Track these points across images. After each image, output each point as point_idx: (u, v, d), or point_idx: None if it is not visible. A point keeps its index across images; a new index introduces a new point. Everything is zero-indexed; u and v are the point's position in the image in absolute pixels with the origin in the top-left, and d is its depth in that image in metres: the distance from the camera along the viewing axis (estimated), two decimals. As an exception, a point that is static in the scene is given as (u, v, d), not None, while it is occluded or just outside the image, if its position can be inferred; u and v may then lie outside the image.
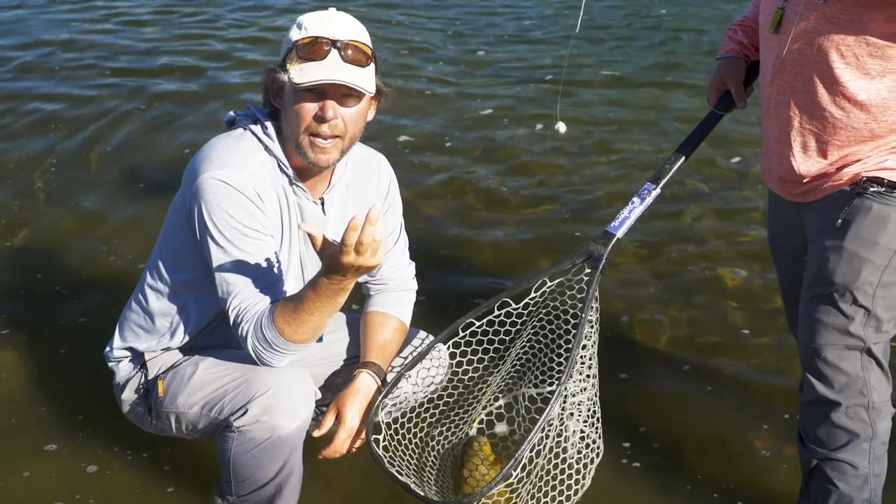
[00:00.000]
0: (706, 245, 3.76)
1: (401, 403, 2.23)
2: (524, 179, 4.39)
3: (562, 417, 2.06)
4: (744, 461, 2.57)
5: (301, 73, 1.97)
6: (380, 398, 2.09)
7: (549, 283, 2.14)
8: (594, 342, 2.08)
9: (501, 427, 2.42)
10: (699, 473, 2.52)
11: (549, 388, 2.25)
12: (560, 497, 2.05)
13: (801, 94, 2.01)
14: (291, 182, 2.11)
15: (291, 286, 2.17)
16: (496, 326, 2.19)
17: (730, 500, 2.42)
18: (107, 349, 2.34)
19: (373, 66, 2.06)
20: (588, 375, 2.07)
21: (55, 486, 2.44)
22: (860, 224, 1.99)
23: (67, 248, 3.74)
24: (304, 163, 2.08)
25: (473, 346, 2.22)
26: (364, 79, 2.01)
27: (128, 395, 2.28)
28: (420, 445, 2.21)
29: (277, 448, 2.07)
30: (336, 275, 1.89)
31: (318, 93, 1.99)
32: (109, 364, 2.33)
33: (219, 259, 2.03)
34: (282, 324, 1.98)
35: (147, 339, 2.26)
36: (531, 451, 1.86)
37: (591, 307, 2.04)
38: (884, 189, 1.98)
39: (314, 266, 2.22)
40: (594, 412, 2.12)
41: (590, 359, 2.07)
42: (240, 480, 2.13)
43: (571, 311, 2.16)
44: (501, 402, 2.39)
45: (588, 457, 2.07)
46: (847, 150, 2.01)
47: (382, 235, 1.82)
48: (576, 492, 2.03)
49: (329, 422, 2.12)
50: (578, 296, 2.14)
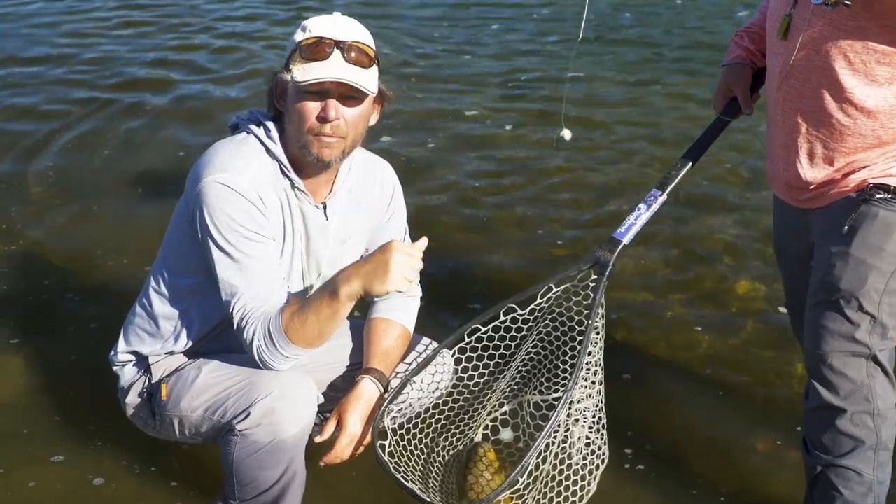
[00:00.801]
0: (710, 250, 3.78)
1: (405, 409, 2.25)
2: (530, 186, 4.40)
3: (567, 424, 2.08)
4: (747, 467, 2.58)
5: (304, 73, 2.00)
6: (385, 404, 2.10)
7: (555, 290, 2.15)
8: (600, 348, 2.09)
9: (506, 433, 2.44)
10: (702, 479, 2.54)
11: (555, 395, 2.26)
12: (565, 503, 2.06)
13: (809, 101, 2.03)
14: (294, 186, 2.12)
15: (295, 289, 2.19)
16: (502, 332, 2.20)
17: (733, 507, 2.45)
18: (111, 353, 2.35)
19: (375, 68, 2.08)
20: (593, 382, 2.09)
21: (60, 497, 2.46)
22: (866, 231, 2.01)
23: (73, 253, 3.76)
24: (308, 162, 2.10)
25: (479, 352, 2.23)
26: (366, 79, 2.03)
27: (132, 399, 2.30)
28: (425, 451, 2.22)
29: (280, 452, 2.09)
30: (371, 295, 1.99)
31: (321, 93, 2.02)
32: (114, 368, 2.34)
33: (221, 262, 2.05)
34: (290, 328, 2.00)
35: (151, 344, 2.27)
36: (537, 458, 1.87)
37: (597, 313, 2.06)
38: (890, 196, 1.99)
39: (316, 269, 2.25)
40: (600, 418, 2.13)
41: (595, 365, 2.08)
42: (242, 484, 2.14)
43: (577, 318, 2.17)
44: (506, 409, 2.40)
45: (594, 463, 2.08)
46: (854, 157, 2.03)
47: (417, 269, 1.97)
48: (581, 498, 2.04)
49: (331, 428, 2.14)
50: (584, 302, 2.16)
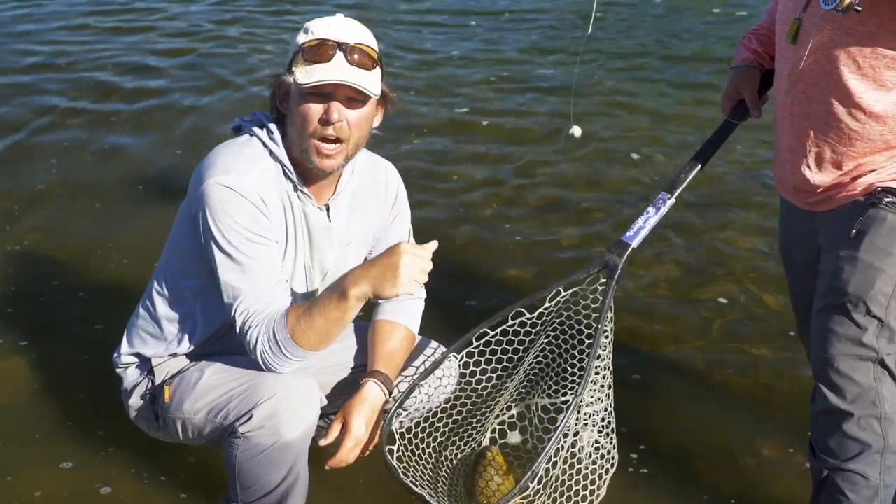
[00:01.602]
0: (717, 253, 3.79)
1: (410, 413, 2.26)
2: (538, 186, 4.41)
3: (576, 428, 2.09)
4: (753, 471, 2.59)
5: (306, 75, 2.00)
6: (393, 408, 2.11)
7: (564, 293, 2.16)
8: (609, 352, 2.11)
9: (514, 436, 2.45)
10: (708, 482, 2.55)
11: (563, 398, 2.27)
12: None
13: (817, 105, 2.04)
14: (296, 188, 2.13)
15: (298, 290, 2.19)
16: (510, 336, 2.21)
17: (739, 510, 2.46)
18: (114, 355, 2.36)
19: (379, 70, 2.08)
20: (602, 386, 2.10)
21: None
22: (875, 234, 2.02)
23: (77, 254, 3.75)
24: (310, 168, 2.10)
25: (487, 356, 2.24)
26: (369, 81, 2.03)
27: (135, 401, 2.31)
28: (433, 456, 2.23)
29: (283, 454, 2.09)
30: (381, 297, 2.00)
31: (323, 95, 2.02)
32: (117, 370, 2.35)
33: (224, 264, 2.05)
34: (294, 328, 2.01)
35: (154, 346, 2.28)
36: (547, 463, 1.89)
37: (607, 317, 2.07)
38: None
39: (319, 271, 2.25)
40: (609, 422, 2.14)
41: (605, 369, 2.09)
42: (245, 487, 2.15)
43: (585, 321, 2.19)
44: (514, 412, 2.41)
45: (603, 467, 2.10)
46: (862, 161, 2.04)
47: (426, 270, 1.97)
48: (591, 502, 2.06)
49: (335, 431, 2.14)
50: (593, 305, 2.17)
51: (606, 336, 2.08)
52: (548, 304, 2.17)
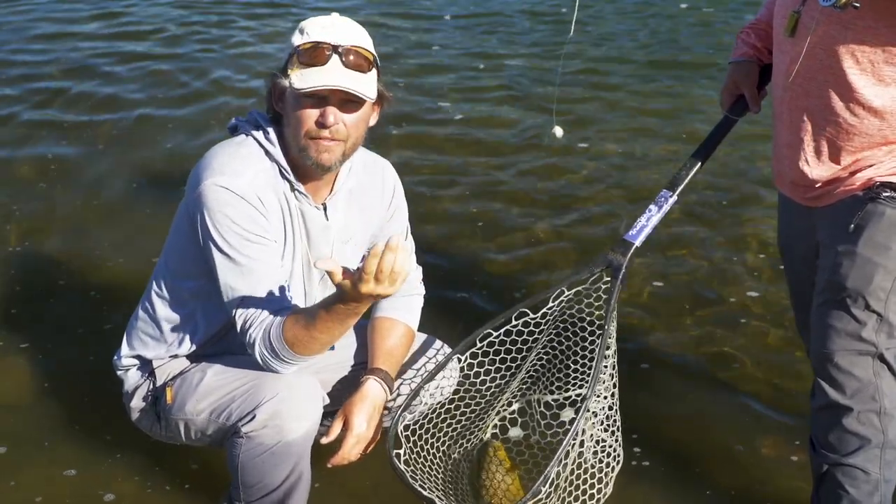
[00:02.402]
0: (719, 250, 3.81)
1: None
2: (540, 187, 4.40)
3: (583, 427, 2.10)
4: (754, 465, 2.63)
5: (302, 79, 1.99)
6: (399, 412, 2.12)
7: (567, 293, 2.18)
8: (614, 351, 2.13)
9: (515, 431, 2.47)
10: (709, 478, 2.58)
11: (565, 394, 2.29)
12: None
13: (815, 100, 2.05)
14: (293, 188, 2.13)
15: (296, 291, 2.20)
16: (514, 336, 2.23)
17: (739, 506, 2.49)
18: (115, 358, 2.36)
19: (375, 72, 2.08)
20: (608, 384, 2.12)
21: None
22: (873, 229, 2.03)
23: (78, 254, 3.74)
24: (307, 166, 2.09)
25: (491, 357, 2.25)
26: (365, 84, 2.03)
27: (136, 403, 2.31)
28: (439, 457, 2.24)
29: (285, 453, 2.10)
30: (352, 301, 1.91)
31: (319, 98, 2.02)
32: (118, 373, 2.35)
33: (223, 266, 2.06)
34: (291, 337, 2.01)
35: (155, 348, 2.28)
36: (559, 465, 1.90)
37: (612, 317, 2.08)
38: None
39: (318, 270, 2.25)
40: (614, 420, 2.16)
41: (611, 367, 2.11)
42: (248, 486, 2.16)
43: (588, 319, 2.20)
44: (515, 407, 2.43)
45: (609, 465, 2.12)
46: (860, 155, 2.05)
47: (402, 264, 1.80)
48: (598, 501, 2.08)
49: (337, 429, 2.16)
50: (596, 304, 2.19)
51: (611, 335, 2.09)
52: (551, 304, 2.18)
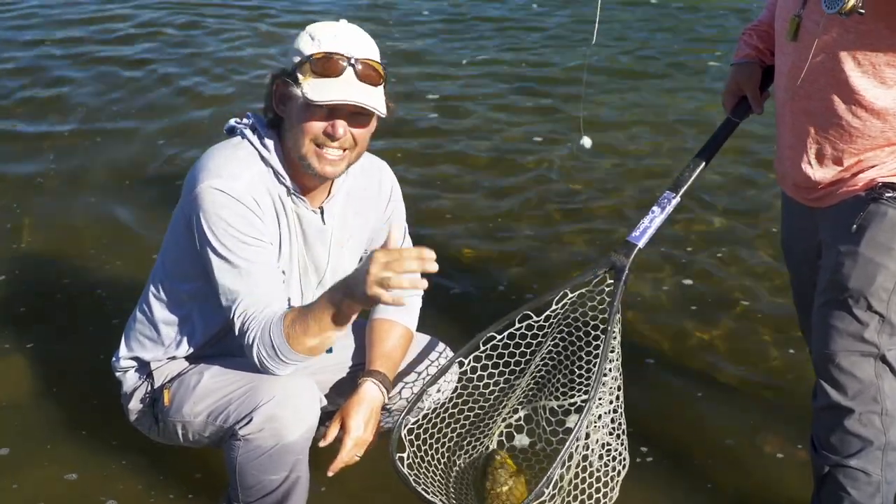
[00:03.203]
0: (719, 250, 3.83)
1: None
2: (543, 189, 4.40)
3: (587, 430, 2.11)
4: (756, 467, 2.64)
5: (316, 90, 1.98)
6: (402, 416, 2.12)
7: (571, 295, 2.18)
8: (618, 354, 2.13)
9: (522, 439, 2.47)
10: (709, 479, 2.59)
11: (571, 400, 2.30)
12: None
13: (817, 102, 2.06)
14: (290, 192, 2.12)
15: (293, 293, 2.20)
16: (517, 339, 2.23)
17: (741, 507, 2.50)
18: (113, 359, 2.35)
19: (383, 85, 2.08)
20: (612, 387, 2.12)
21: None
22: (875, 229, 2.04)
23: (79, 255, 3.73)
24: (307, 174, 2.09)
25: (494, 360, 2.25)
26: (377, 99, 2.03)
27: (134, 405, 2.32)
28: (443, 461, 2.24)
29: (283, 455, 2.11)
30: (358, 303, 1.93)
31: (330, 109, 2.02)
32: (116, 374, 2.35)
33: (220, 268, 2.06)
34: (291, 333, 2.01)
35: (153, 350, 2.28)
36: (562, 468, 1.91)
37: (616, 319, 2.09)
38: None
39: (315, 273, 2.25)
40: (619, 423, 2.16)
41: (615, 370, 2.11)
42: (246, 488, 2.16)
43: (592, 322, 2.20)
44: (521, 414, 2.43)
45: (615, 469, 2.13)
46: (863, 157, 2.07)
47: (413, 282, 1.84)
48: (603, 505, 2.09)
49: (334, 432, 2.17)
50: (600, 307, 2.19)
51: (615, 337, 2.10)
52: (555, 307, 2.19)
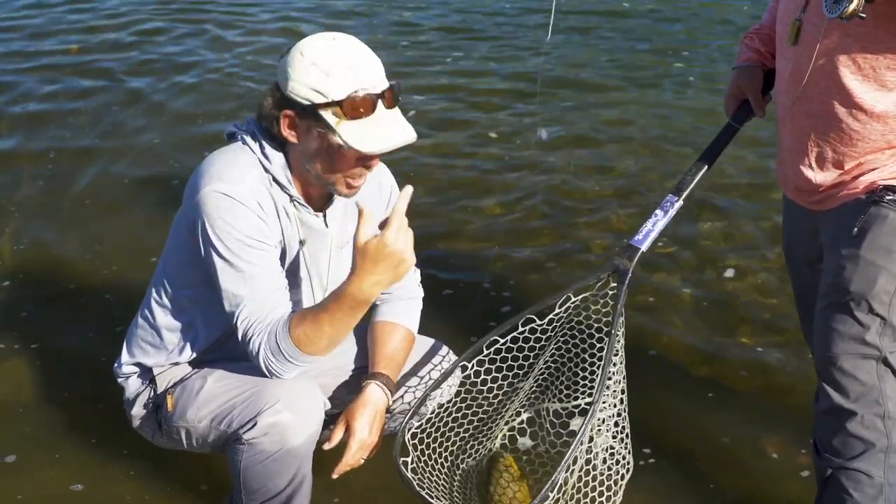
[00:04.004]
0: (725, 253, 3.84)
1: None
2: (544, 192, 4.39)
3: (591, 434, 2.12)
4: (758, 470, 2.65)
5: (359, 139, 1.95)
6: (406, 419, 2.12)
7: (574, 299, 2.19)
8: (621, 357, 2.14)
9: (525, 441, 2.48)
10: (712, 482, 2.60)
11: (574, 403, 2.31)
12: None
13: (818, 106, 2.07)
14: (292, 200, 2.13)
15: (297, 296, 2.20)
16: (520, 343, 2.24)
17: (744, 510, 2.52)
18: (115, 365, 2.35)
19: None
20: (616, 391, 2.13)
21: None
22: (876, 232, 2.05)
23: (81, 260, 3.74)
24: (315, 186, 2.11)
25: (498, 364, 2.26)
26: (408, 127, 2.03)
27: (137, 411, 2.32)
28: (447, 465, 2.25)
29: (287, 460, 2.12)
30: (371, 274, 1.95)
31: None
32: (118, 380, 2.35)
33: (224, 272, 2.05)
34: (299, 334, 2.01)
35: (155, 355, 2.28)
36: (566, 471, 1.92)
37: (619, 322, 2.10)
38: None
39: (317, 275, 2.26)
40: (623, 427, 2.18)
41: (618, 374, 2.13)
42: (250, 492, 2.17)
43: (596, 325, 2.21)
44: (525, 417, 2.44)
45: (619, 472, 2.14)
46: (863, 160, 2.08)
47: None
48: (608, 509, 2.10)
49: (339, 435, 2.17)
50: (603, 310, 2.20)
51: (619, 341, 2.11)
52: (558, 311, 2.20)
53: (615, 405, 2.13)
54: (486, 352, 2.22)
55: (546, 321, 2.22)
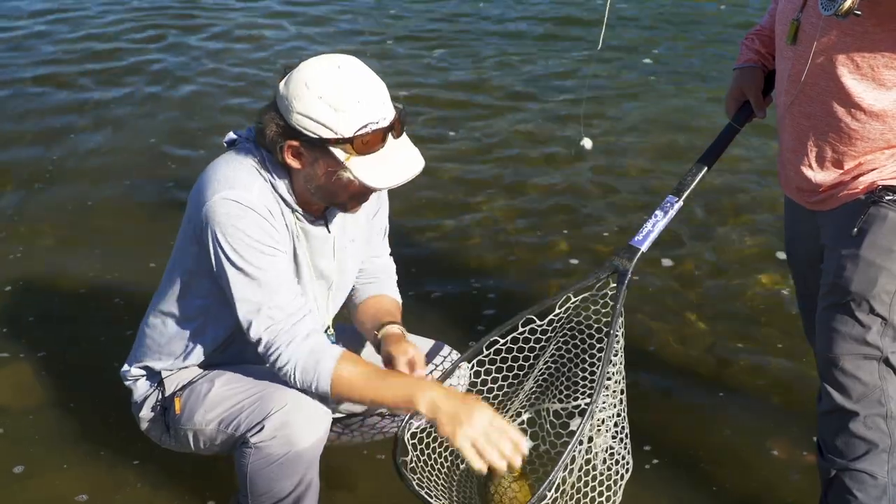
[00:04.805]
0: (725, 253, 3.85)
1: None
2: (545, 193, 4.43)
3: (590, 434, 2.13)
4: (762, 471, 2.65)
5: (372, 175, 1.97)
6: (406, 419, 2.13)
7: (574, 299, 2.21)
8: (621, 358, 2.15)
9: (525, 442, 2.47)
10: (716, 483, 2.61)
11: (574, 403, 2.32)
12: None
13: (817, 105, 2.08)
14: (293, 210, 2.14)
15: (311, 302, 2.22)
16: (521, 343, 2.25)
17: (748, 511, 2.52)
18: (123, 369, 2.37)
19: None
20: (615, 391, 2.14)
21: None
22: (876, 232, 2.06)
23: (89, 266, 3.76)
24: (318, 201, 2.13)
25: (498, 364, 2.27)
26: (417, 153, 2.05)
27: (145, 414, 2.33)
28: (446, 464, 2.26)
29: (294, 463, 2.12)
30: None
31: None
32: (126, 383, 2.37)
33: (237, 279, 2.05)
34: (342, 377, 2.04)
35: (163, 359, 2.30)
36: (564, 471, 1.93)
37: (618, 322, 2.11)
38: None
39: (323, 279, 2.28)
40: (622, 427, 2.18)
41: (618, 374, 2.13)
42: (257, 495, 2.18)
43: (595, 326, 2.23)
44: (525, 417, 2.45)
45: (618, 473, 2.14)
46: (863, 159, 2.09)
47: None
48: (607, 509, 2.11)
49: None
50: (603, 310, 2.21)
51: (618, 341, 2.12)
52: (558, 311, 2.21)
53: (615, 405, 2.13)
54: (486, 352, 2.23)
55: (546, 321, 2.23)
